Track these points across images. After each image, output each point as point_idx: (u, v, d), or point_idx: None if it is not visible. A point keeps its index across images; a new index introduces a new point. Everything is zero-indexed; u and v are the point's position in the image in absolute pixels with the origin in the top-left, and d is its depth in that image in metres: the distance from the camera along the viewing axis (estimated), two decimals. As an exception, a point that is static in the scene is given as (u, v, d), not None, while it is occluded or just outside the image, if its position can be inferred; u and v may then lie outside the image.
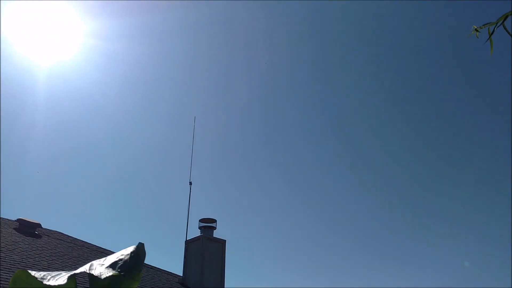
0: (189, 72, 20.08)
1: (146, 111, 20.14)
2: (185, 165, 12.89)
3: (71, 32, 14.06)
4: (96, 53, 15.61)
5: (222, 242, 11.48)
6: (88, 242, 11.11)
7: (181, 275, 11.13)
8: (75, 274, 0.85)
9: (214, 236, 11.43)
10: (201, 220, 11.56)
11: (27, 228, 9.81)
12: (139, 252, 0.89)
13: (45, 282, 0.82)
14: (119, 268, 0.86)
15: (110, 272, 0.83)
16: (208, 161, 21.27)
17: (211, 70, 20.47)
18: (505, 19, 1.35)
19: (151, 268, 11.28)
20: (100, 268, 0.86)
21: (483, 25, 1.45)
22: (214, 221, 11.56)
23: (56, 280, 0.81)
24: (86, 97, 17.31)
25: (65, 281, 0.79)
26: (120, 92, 18.21)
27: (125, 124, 19.37)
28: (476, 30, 1.49)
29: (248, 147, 22.43)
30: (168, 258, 24.04)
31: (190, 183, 11.93)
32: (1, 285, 6.09)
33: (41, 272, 0.87)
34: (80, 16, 14.89)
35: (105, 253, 11.03)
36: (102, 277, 0.81)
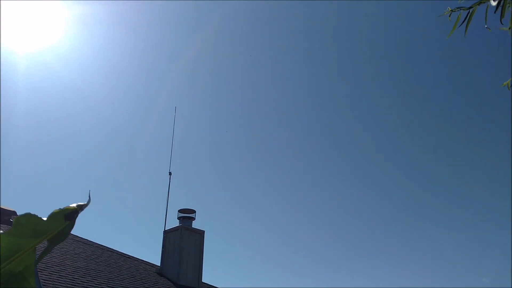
0: (172, 61, 19.93)
1: (128, 99, 19.93)
2: (165, 155, 12.83)
3: (52, 17, 13.77)
4: (79, 39, 15.36)
5: (201, 233, 11.49)
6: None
7: (159, 265, 11.11)
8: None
9: (193, 226, 11.43)
10: (180, 211, 11.53)
11: (3, 216, 9.66)
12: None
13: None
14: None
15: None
16: (189, 152, 21.19)
17: (194, 60, 20.34)
18: (479, 4, 1.39)
19: (128, 257, 11.22)
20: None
21: (456, 8, 1.50)
22: (193, 211, 11.56)
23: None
24: (69, 85, 17.03)
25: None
26: (103, 80, 17.96)
27: (107, 113, 19.12)
28: (451, 11, 1.53)
29: (230, 138, 22.41)
30: (146, 248, 23.93)
31: (170, 174, 11.88)
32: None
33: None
34: (63, 0, 14.60)
35: (82, 241, 10.93)
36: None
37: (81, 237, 11.19)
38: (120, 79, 19.06)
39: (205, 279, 11.31)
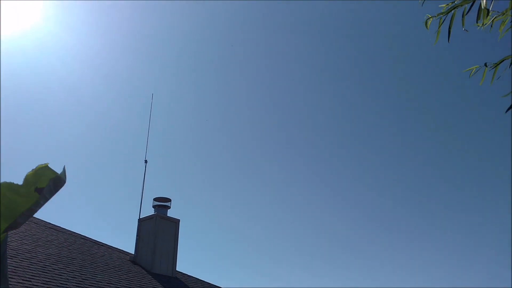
0: (151, 46, 19.64)
1: (106, 85, 19.58)
2: (141, 142, 12.71)
3: (29, 1, 13.36)
4: (57, 23, 14.96)
5: (176, 222, 11.46)
6: (36, 217, 10.78)
7: (133, 253, 11.05)
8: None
9: (168, 215, 11.39)
10: (156, 199, 11.47)
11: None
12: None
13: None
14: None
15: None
16: (165, 140, 21.04)
17: (173, 46, 20.10)
18: (453, 8, 1.43)
19: (102, 245, 11.12)
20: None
21: (437, 14, 1.53)
22: (168, 200, 11.51)
23: None
24: (46, 70, 16.61)
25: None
26: (81, 65, 17.58)
27: (84, 99, 18.77)
28: (430, 18, 1.56)
29: (208, 126, 22.32)
30: (121, 236, 23.73)
31: (146, 162, 11.79)
32: None
33: None
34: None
35: (55, 228, 10.77)
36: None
37: (53, 224, 11.02)
38: (98, 65, 18.70)
39: (180, 267, 11.33)
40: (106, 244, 11.31)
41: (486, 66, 1.98)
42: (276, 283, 25.30)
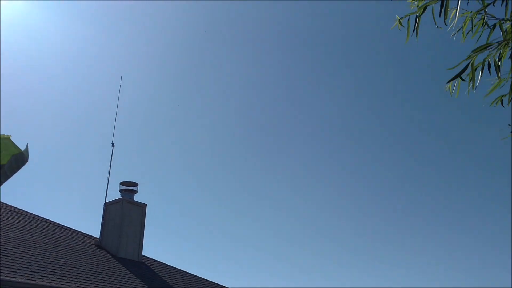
0: (120, 30, 19.17)
1: (73, 66, 19.02)
2: (108, 125, 12.46)
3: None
4: (26, 3, 14.37)
5: (143, 206, 11.36)
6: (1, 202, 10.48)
7: (98, 237, 10.92)
8: None
9: (135, 199, 11.27)
10: (122, 183, 11.32)
11: None
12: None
13: None
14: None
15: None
16: (134, 123, 20.71)
17: (145, 28, 19.68)
18: (424, 9, 1.45)
19: (66, 229, 10.93)
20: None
21: (406, 15, 1.56)
22: (135, 184, 11.38)
23: None
24: (14, 50, 15.97)
25: None
26: (50, 46, 17.00)
27: (51, 80, 18.19)
28: (399, 21, 1.59)
29: (178, 110, 22.08)
30: (86, 220, 23.38)
31: (113, 145, 11.59)
32: None
33: None
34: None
35: (16, 211, 10.50)
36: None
37: (15, 207, 10.74)
38: (66, 45, 18.13)
39: (146, 252, 11.28)
40: (70, 228, 11.12)
41: (462, 80, 2.05)
42: (245, 266, 25.53)
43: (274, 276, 24.71)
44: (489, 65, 2.53)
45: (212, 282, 11.49)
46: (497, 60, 2.53)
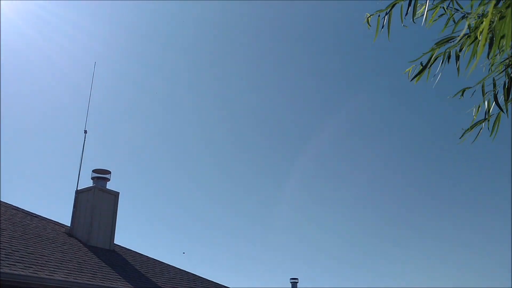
0: (97, 14, 18.74)
1: (45, 50, 18.52)
2: (81, 112, 12.22)
3: None
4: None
5: (115, 194, 11.24)
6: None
7: (69, 225, 10.75)
8: None
9: (107, 187, 11.13)
10: (95, 171, 11.16)
11: None
12: None
13: None
14: None
15: None
16: (107, 110, 20.37)
17: (119, 15, 19.30)
18: (392, 7, 1.48)
19: (35, 216, 10.73)
20: None
21: (375, 12, 1.58)
22: (108, 172, 11.23)
23: None
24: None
25: None
26: (21, 30, 16.47)
27: (22, 64, 17.68)
28: (367, 19, 1.61)
29: (153, 97, 21.81)
30: (56, 208, 22.98)
31: (85, 132, 11.39)
32: None
33: None
34: None
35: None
36: None
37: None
38: (38, 28, 17.62)
39: (118, 241, 11.18)
40: (39, 216, 10.92)
41: (422, 65, 2.09)
42: (221, 253, 25.56)
43: (244, 261, 24.86)
44: (449, 56, 2.61)
45: (185, 271, 11.50)
46: (458, 51, 2.60)
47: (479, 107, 3.29)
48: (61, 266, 7.65)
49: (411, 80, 2.72)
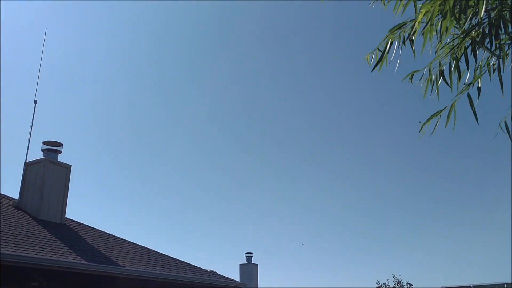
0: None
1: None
2: (30, 81, 11.72)
3: None
4: None
5: (67, 167, 10.94)
6: None
7: (17, 198, 10.42)
8: None
9: (59, 160, 10.81)
10: (45, 143, 10.79)
11: None
12: None
13: None
14: None
15: None
16: (59, 80, 19.62)
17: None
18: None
19: (-19, 189, 10.30)
20: None
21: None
22: (60, 144, 10.89)
23: None
24: None
25: None
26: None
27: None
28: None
29: (110, 68, 21.16)
30: (4, 181, 22.16)
31: (35, 102, 10.95)
32: None
33: None
34: None
35: None
36: None
37: None
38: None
39: (70, 214, 10.96)
40: (-15, 188, 10.50)
41: (381, 52, 2.13)
42: (172, 228, 25.56)
43: (193, 238, 24.97)
44: (404, 41, 2.70)
45: (139, 245, 11.45)
46: (411, 34, 2.68)
47: (427, 81, 3.35)
48: (8, 240, 7.43)
49: (372, 70, 2.78)
